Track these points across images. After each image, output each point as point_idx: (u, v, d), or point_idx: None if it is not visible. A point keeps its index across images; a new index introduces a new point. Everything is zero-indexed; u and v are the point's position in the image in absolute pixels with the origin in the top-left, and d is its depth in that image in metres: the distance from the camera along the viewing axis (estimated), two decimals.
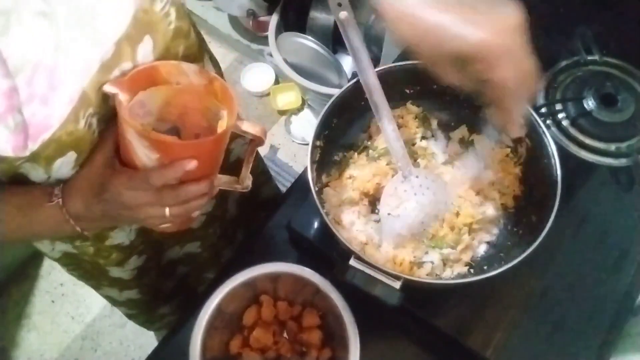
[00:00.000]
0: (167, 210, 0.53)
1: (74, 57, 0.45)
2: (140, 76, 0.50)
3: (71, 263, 0.77)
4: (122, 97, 0.48)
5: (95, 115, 0.50)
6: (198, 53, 0.62)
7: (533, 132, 0.64)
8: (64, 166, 0.50)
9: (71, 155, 0.49)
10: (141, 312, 1.01)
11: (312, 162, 0.63)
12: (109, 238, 0.69)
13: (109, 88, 0.48)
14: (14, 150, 0.43)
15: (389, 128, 0.61)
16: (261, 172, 0.98)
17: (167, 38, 0.54)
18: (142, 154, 0.48)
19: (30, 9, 0.41)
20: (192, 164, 0.48)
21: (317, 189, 0.61)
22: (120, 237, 0.70)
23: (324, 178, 0.71)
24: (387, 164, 0.72)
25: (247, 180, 0.61)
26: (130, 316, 1.07)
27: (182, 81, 0.52)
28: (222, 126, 0.52)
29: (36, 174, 0.49)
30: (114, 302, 0.96)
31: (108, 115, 0.52)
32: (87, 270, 0.79)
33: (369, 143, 0.75)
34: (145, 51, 0.51)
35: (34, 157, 0.46)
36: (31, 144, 0.44)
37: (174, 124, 0.56)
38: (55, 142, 0.46)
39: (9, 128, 0.41)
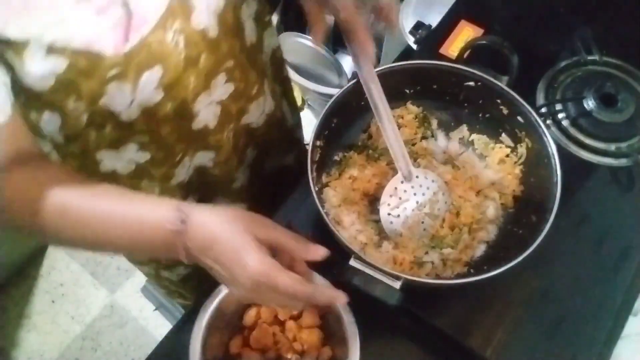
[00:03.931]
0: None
1: None
2: None
3: None
4: None
5: (182, 33, 0.51)
6: None
7: (533, 132, 0.65)
8: (149, 83, 0.50)
9: (158, 71, 0.50)
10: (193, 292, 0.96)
11: (312, 162, 0.63)
12: (174, 177, 0.67)
13: None
14: (115, 48, 0.44)
15: (389, 128, 0.61)
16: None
17: None
18: None
19: None
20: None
21: (317, 189, 0.61)
22: (182, 174, 0.68)
23: (324, 178, 0.71)
24: (387, 164, 0.72)
25: None
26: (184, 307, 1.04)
27: None
28: None
29: (121, 97, 0.49)
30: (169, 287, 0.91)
31: (194, 39, 0.53)
32: None
33: (369, 143, 0.75)
34: None
35: (125, 67, 0.46)
36: (132, 36, 0.45)
37: None
38: (146, 48, 0.47)
39: (111, 21, 0.43)
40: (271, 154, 0.85)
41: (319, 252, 0.51)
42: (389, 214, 0.66)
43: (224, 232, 0.49)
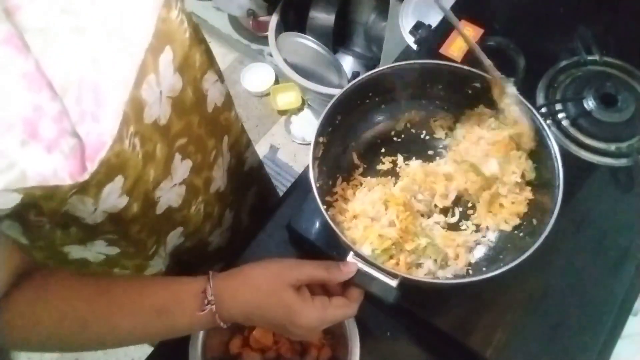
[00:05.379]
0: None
1: (112, 70, 0.44)
2: None
3: None
4: None
5: (137, 134, 0.48)
6: (209, 59, 0.61)
7: (535, 134, 0.64)
8: (112, 193, 0.47)
9: (119, 181, 0.47)
10: None
11: (314, 158, 0.63)
12: (149, 267, 0.67)
13: None
14: (72, 176, 0.40)
15: None
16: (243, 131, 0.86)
17: (184, 47, 0.53)
18: None
19: (64, 26, 0.40)
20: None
21: (318, 185, 0.61)
22: (158, 265, 0.68)
23: None
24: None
25: None
26: None
27: None
28: None
29: (83, 208, 0.46)
30: None
31: (147, 134, 0.50)
32: None
33: None
34: (166, 62, 0.50)
35: (85, 187, 0.43)
36: (90, 165, 0.42)
37: None
38: (105, 165, 0.43)
39: (64, 153, 0.40)
40: (245, 201, 0.85)
41: (350, 270, 0.53)
42: None
43: (263, 300, 0.51)
